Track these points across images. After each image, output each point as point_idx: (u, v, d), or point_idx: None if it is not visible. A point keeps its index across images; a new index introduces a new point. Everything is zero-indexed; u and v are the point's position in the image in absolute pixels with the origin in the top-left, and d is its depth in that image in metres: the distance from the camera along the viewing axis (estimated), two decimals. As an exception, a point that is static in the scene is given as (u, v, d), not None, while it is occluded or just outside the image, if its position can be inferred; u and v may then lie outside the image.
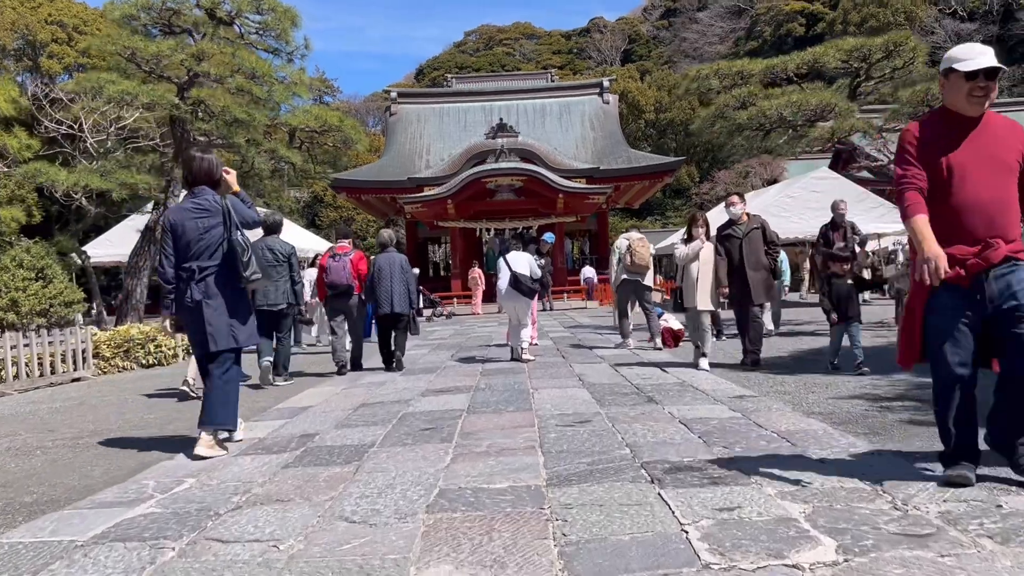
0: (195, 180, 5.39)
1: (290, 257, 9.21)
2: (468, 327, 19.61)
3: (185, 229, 5.22)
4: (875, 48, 14.28)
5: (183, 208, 5.34)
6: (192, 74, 13.76)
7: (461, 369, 9.67)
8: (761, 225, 8.86)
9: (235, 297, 5.31)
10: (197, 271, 5.20)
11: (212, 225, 5.22)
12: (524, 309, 10.40)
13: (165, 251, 5.34)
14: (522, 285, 10.15)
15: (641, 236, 12.58)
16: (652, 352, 10.94)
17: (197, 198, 5.31)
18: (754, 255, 8.60)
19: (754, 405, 6.11)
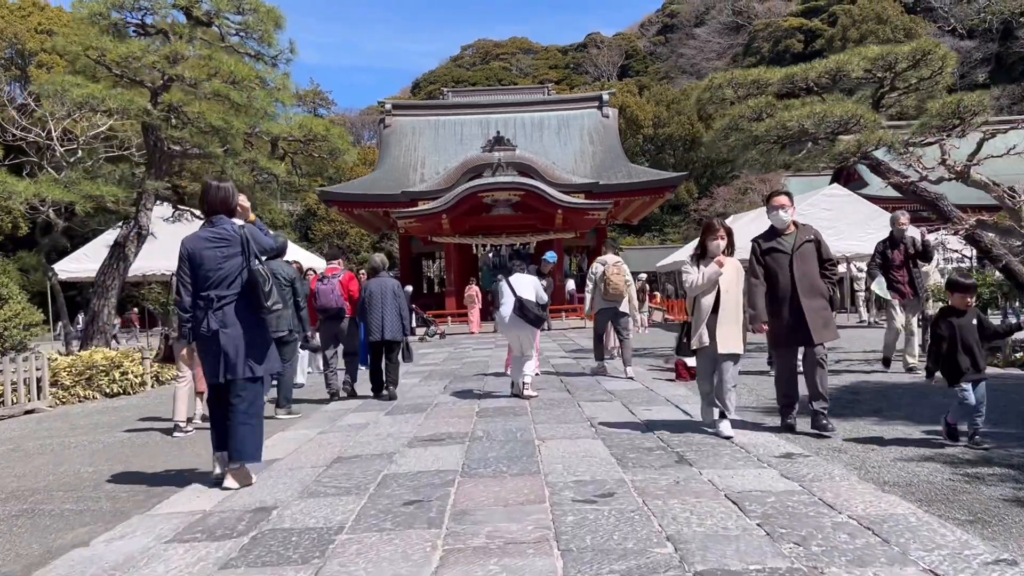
0: (211, 209, 5.38)
1: (294, 282, 8.73)
2: (463, 350, 18.50)
3: (203, 258, 5.19)
4: (902, 56, 13.28)
5: (200, 237, 5.29)
6: (166, 78, 12.71)
7: (455, 407, 8.57)
8: (815, 237, 6.49)
9: (253, 326, 5.29)
10: (215, 300, 5.19)
11: (231, 254, 5.22)
12: (528, 339, 9.26)
13: (183, 280, 5.27)
14: (528, 312, 8.97)
15: (617, 260, 11.91)
16: (665, 385, 9.86)
17: (215, 227, 5.29)
18: (808, 278, 6.32)
19: (810, 470, 5.03)
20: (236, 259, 5.24)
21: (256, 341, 5.30)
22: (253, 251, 5.26)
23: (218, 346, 5.17)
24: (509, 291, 9.22)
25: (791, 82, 13.80)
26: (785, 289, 6.34)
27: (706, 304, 6.38)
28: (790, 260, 6.35)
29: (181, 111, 11.97)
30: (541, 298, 9.47)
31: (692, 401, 8.35)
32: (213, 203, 5.39)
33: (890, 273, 10.50)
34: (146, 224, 13.29)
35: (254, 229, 5.46)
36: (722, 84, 14.28)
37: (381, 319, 9.52)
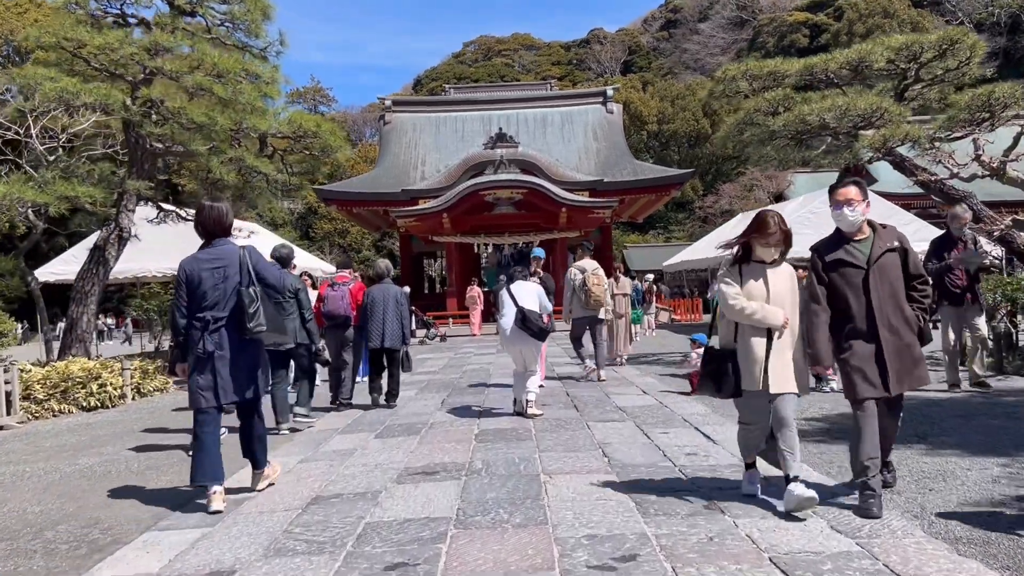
0: (206, 230, 5.37)
1: (297, 292, 8.39)
2: (464, 355, 17.76)
3: (201, 279, 5.19)
4: (928, 46, 12.51)
5: (198, 258, 5.29)
6: (147, 72, 11.97)
7: (452, 428, 7.83)
8: (900, 244, 4.70)
9: (249, 348, 5.30)
10: (211, 321, 5.19)
11: (229, 275, 5.22)
12: (532, 353, 8.52)
13: (179, 302, 5.28)
14: (531, 325, 8.24)
15: (596, 267, 11.72)
16: (680, 401, 9.11)
17: (214, 248, 5.30)
18: (892, 301, 4.58)
19: (865, 521, 4.28)
20: (233, 280, 5.23)
21: (253, 362, 5.33)
22: (250, 273, 5.25)
23: (213, 369, 5.17)
24: (510, 301, 8.51)
25: (809, 74, 13.03)
26: (859, 318, 4.59)
27: (756, 346, 4.62)
28: (865, 277, 4.58)
29: (161, 106, 11.23)
30: (545, 307, 8.83)
31: (712, 421, 7.62)
32: (207, 223, 5.37)
33: (946, 276, 9.19)
34: (127, 226, 12.56)
35: (258, 254, 5.43)
36: (736, 76, 13.52)
37: (382, 326, 9.34)
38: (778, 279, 4.74)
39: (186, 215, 13.87)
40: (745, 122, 13.32)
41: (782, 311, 4.62)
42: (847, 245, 4.74)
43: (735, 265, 4.84)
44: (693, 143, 64.79)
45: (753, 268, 4.77)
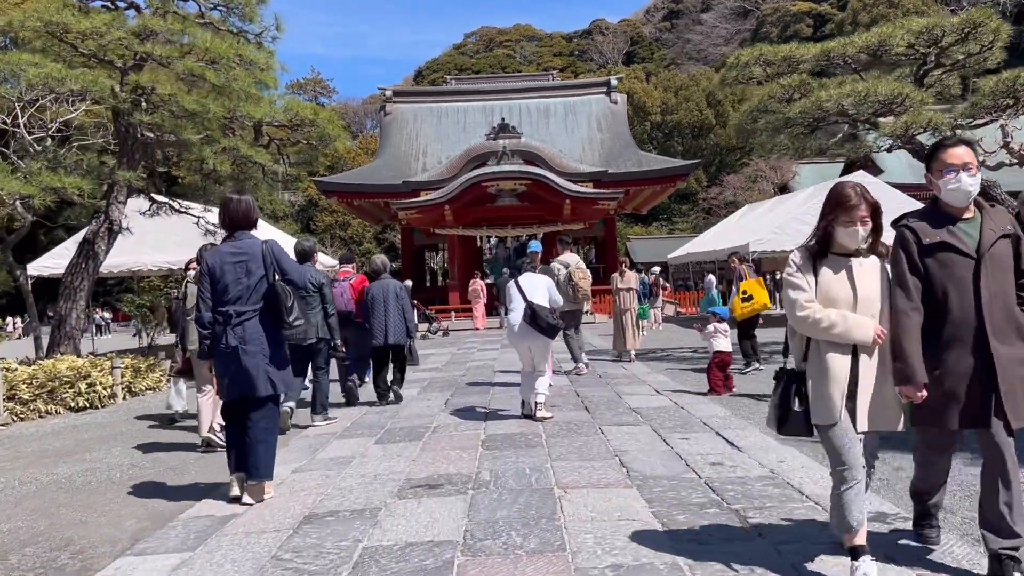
0: (233, 223, 5.31)
1: (322, 287, 8.31)
2: (467, 350, 17.31)
3: (224, 272, 5.16)
4: (950, 29, 12.00)
5: (222, 252, 5.26)
6: (138, 57, 11.49)
7: (456, 433, 7.36)
8: (1014, 230, 3.55)
9: (272, 342, 5.24)
10: (234, 316, 5.14)
11: (252, 270, 5.17)
12: (542, 351, 8.01)
13: (203, 295, 5.25)
14: (540, 320, 7.68)
15: (578, 260, 11.85)
16: (696, 402, 8.65)
17: (237, 241, 5.26)
18: (1003, 301, 3.44)
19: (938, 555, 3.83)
20: (257, 275, 5.18)
21: (275, 358, 5.23)
22: (275, 268, 5.22)
23: (237, 363, 5.11)
24: (518, 294, 7.98)
25: (826, 59, 12.53)
26: (963, 321, 3.42)
27: (835, 366, 3.43)
28: (976, 269, 3.42)
29: (151, 93, 10.75)
30: (555, 301, 8.31)
31: (733, 425, 7.16)
32: (235, 217, 5.30)
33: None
34: (117, 218, 12.09)
35: (280, 248, 5.35)
36: (750, 62, 13.00)
37: (384, 323, 9.16)
38: (866, 277, 3.51)
39: (180, 207, 13.40)
40: (759, 109, 12.83)
41: (872, 321, 3.45)
42: (952, 226, 3.50)
43: (809, 260, 3.58)
44: (697, 134, 64.19)
45: (832, 262, 3.53)
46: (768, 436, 6.65)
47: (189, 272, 8.24)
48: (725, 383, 9.43)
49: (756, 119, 12.89)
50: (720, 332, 9.71)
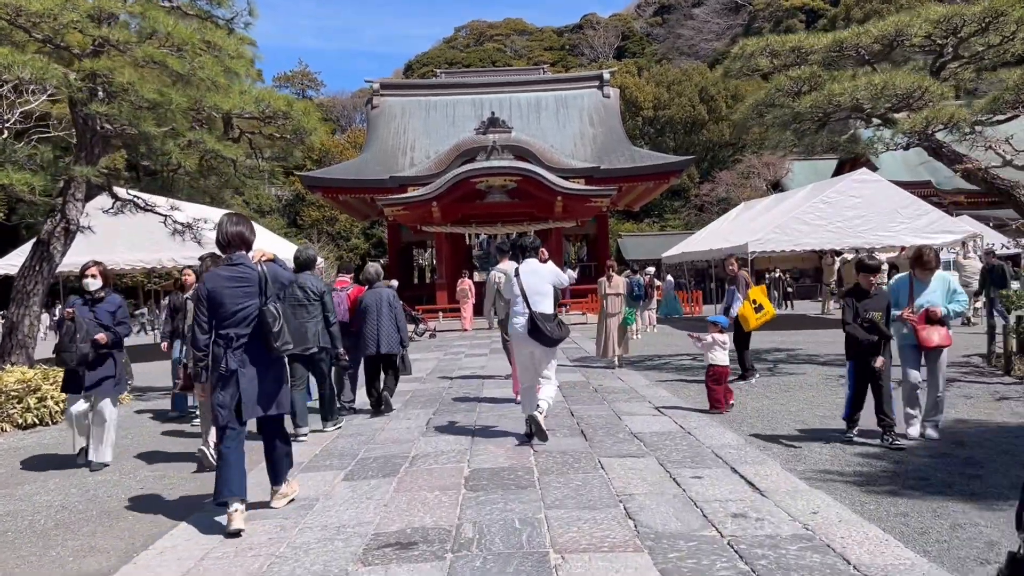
0: (229, 244, 5.29)
1: (323, 295, 8.19)
2: (454, 356, 16.46)
3: (223, 297, 5.16)
4: (969, 18, 11.21)
5: (220, 275, 5.25)
6: (96, 43, 10.58)
7: (436, 466, 6.51)
8: None
9: (271, 365, 5.28)
10: (235, 339, 5.15)
11: (250, 293, 5.18)
12: (545, 358, 7.35)
13: (199, 319, 5.23)
14: (543, 335, 7.08)
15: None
16: (703, 423, 7.83)
17: (235, 265, 5.26)
18: None
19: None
20: (256, 298, 5.18)
21: (275, 379, 5.29)
22: (270, 292, 5.20)
23: (236, 386, 5.12)
24: (520, 295, 7.34)
25: (838, 49, 11.71)
26: None
27: None
28: None
29: (107, 81, 9.83)
30: (560, 281, 7.78)
31: (749, 458, 6.35)
32: (231, 239, 5.27)
33: None
34: (75, 217, 11.19)
35: (274, 268, 5.32)
36: (755, 52, 12.17)
37: (377, 332, 9.09)
38: None
39: (144, 204, 12.49)
40: (765, 103, 12.01)
41: None
42: None
43: None
44: (689, 129, 63.41)
45: None
46: (790, 473, 5.85)
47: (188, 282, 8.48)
48: (726, 398, 8.78)
49: (762, 114, 12.07)
50: (719, 344, 9.00)
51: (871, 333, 6.71)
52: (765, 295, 11.19)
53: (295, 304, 7.85)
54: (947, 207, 32.97)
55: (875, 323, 6.68)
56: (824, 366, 12.48)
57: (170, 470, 6.99)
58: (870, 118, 11.25)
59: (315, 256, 8.74)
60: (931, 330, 6.92)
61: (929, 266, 7.02)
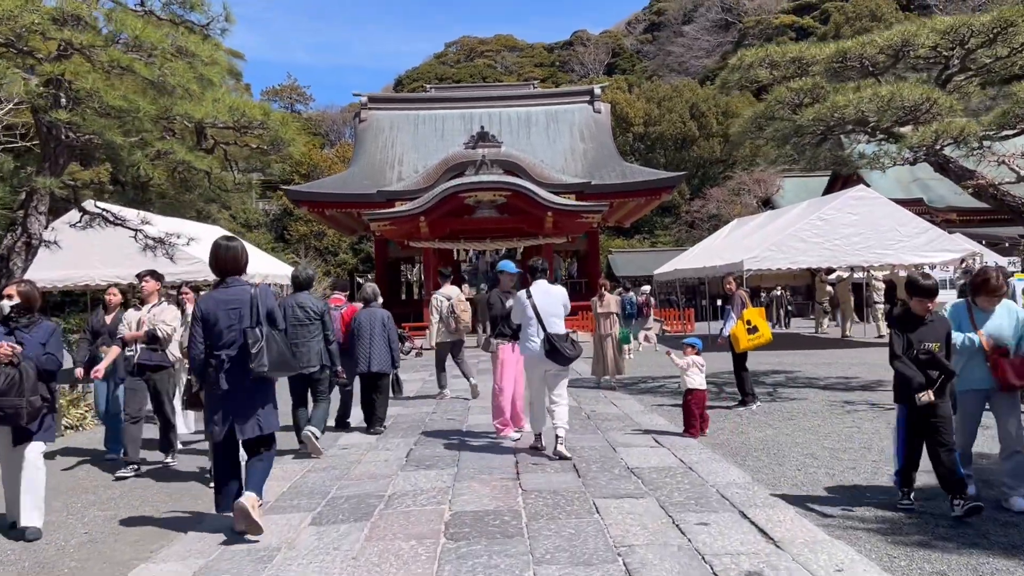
0: (222, 269, 5.50)
1: (323, 315, 8.35)
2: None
3: (217, 319, 5.35)
4: (977, 29, 10.77)
5: (215, 298, 5.45)
6: (62, 47, 9.98)
7: (414, 508, 5.89)
8: None
9: (262, 386, 5.42)
10: (226, 360, 5.32)
11: (243, 315, 5.34)
12: (557, 378, 7.49)
13: (195, 337, 5.42)
14: (560, 356, 7.26)
15: (459, 293, 12.79)
16: (706, 458, 7.26)
17: (229, 288, 5.46)
18: None
19: None
20: (246, 320, 5.34)
21: (265, 400, 5.46)
22: (260, 314, 5.35)
23: (227, 405, 5.33)
24: (534, 316, 7.46)
25: (841, 60, 11.24)
26: None
27: None
28: None
29: (68, 86, 9.23)
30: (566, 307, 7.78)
31: (759, 500, 5.78)
32: (223, 263, 5.49)
33: None
34: (37, 231, 10.53)
35: (267, 292, 5.54)
36: (754, 63, 11.70)
37: (369, 351, 9.28)
38: None
39: (115, 218, 11.86)
40: (765, 116, 11.52)
41: None
42: None
43: None
44: (680, 146, 63.19)
45: None
46: (806, 519, 5.28)
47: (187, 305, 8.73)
48: (701, 424, 8.48)
49: (761, 127, 11.58)
50: (696, 366, 8.61)
51: (928, 369, 5.34)
52: (763, 317, 10.67)
53: (295, 324, 7.98)
54: (939, 225, 32.65)
55: (934, 356, 5.33)
56: (826, 390, 11.95)
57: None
58: (875, 131, 10.78)
59: (314, 276, 9.05)
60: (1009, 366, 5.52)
61: (998, 292, 5.65)
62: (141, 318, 7.77)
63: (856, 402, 10.68)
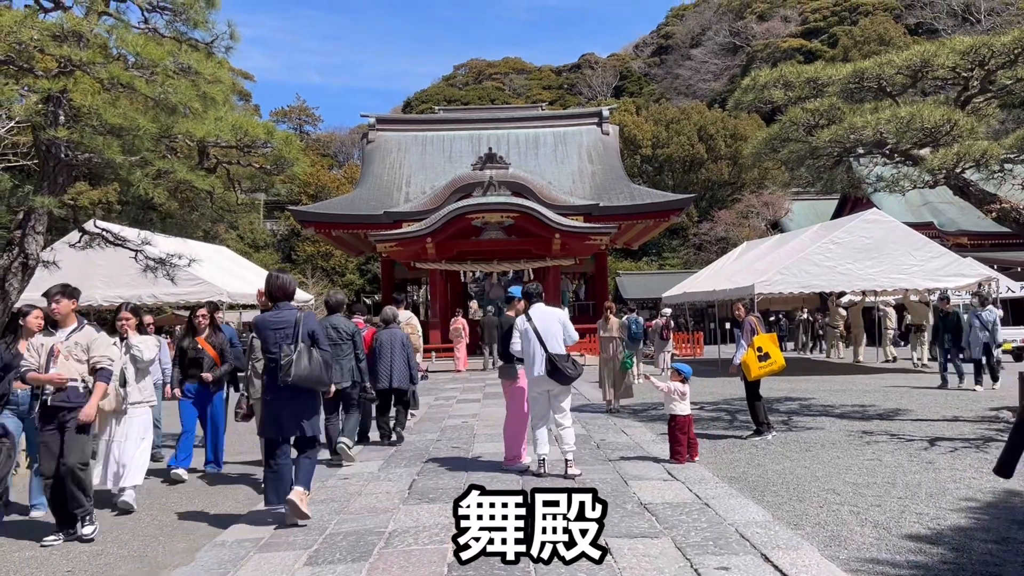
0: (273, 296, 6.57)
1: (354, 335, 9.20)
2: (446, 401, 15.51)
3: (266, 337, 6.41)
4: (998, 50, 10.50)
5: (267, 320, 6.48)
6: (62, 64, 9.79)
7: (417, 547, 5.57)
8: None
9: (303, 395, 6.33)
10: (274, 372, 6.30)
11: (288, 335, 6.30)
12: (561, 397, 7.81)
13: (253, 349, 7.29)
14: (561, 375, 7.59)
15: (409, 315, 13.25)
16: (722, 493, 6.92)
17: (280, 312, 6.49)
18: None
19: None
20: (290, 339, 6.27)
21: (309, 407, 6.39)
22: (300, 333, 6.29)
23: (277, 411, 6.31)
24: (534, 336, 7.72)
25: (857, 81, 10.97)
26: None
27: None
28: None
29: (68, 104, 9.03)
30: (570, 336, 7.92)
31: (781, 540, 5.45)
32: (275, 292, 6.54)
33: None
34: (34, 251, 10.28)
35: (310, 316, 6.55)
36: (768, 84, 11.44)
37: (390, 368, 10.05)
38: None
39: (115, 238, 11.63)
40: (780, 137, 11.25)
41: None
42: None
43: None
44: (688, 168, 63.05)
45: None
46: (832, 562, 4.95)
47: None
48: (689, 450, 8.39)
49: (776, 148, 11.31)
50: (677, 394, 8.57)
51: None
52: (775, 343, 10.35)
53: (329, 343, 8.12)
54: (950, 249, 32.33)
55: None
56: (843, 419, 11.59)
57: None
58: (892, 154, 10.49)
59: (344, 300, 9.81)
60: None
61: None
62: (54, 346, 6.28)
63: (875, 432, 10.31)
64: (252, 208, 19.53)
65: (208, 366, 9.06)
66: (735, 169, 61.71)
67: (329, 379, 6.65)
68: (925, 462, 8.24)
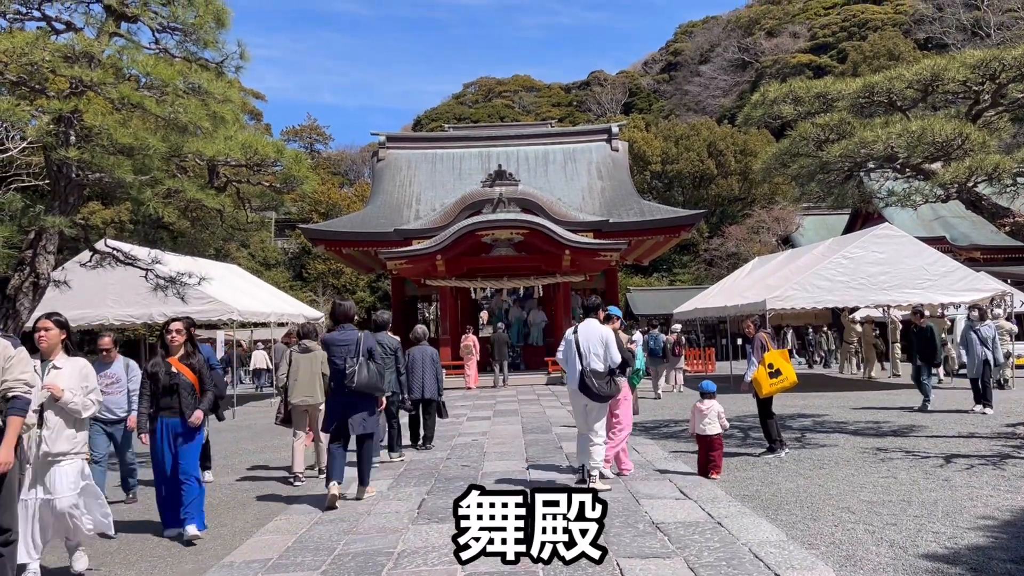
0: (337, 319, 8.18)
1: (396, 351, 10.20)
2: (455, 419, 15.42)
3: (333, 353, 7.84)
4: (1009, 63, 10.44)
5: (335, 338, 7.90)
6: (74, 85, 9.87)
7: (425, 570, 5.49)
8: None
9: (363, 400, 7.83)
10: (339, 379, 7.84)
11: (350, 351, 7.74)
12: (597, 412, 8.02)
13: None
14: (591, 391, 7.83)
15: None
16: (735, 511, 6.82)
17: (344, 332, 7.94)
18: None
19: None
20: (354, 355, 7.73)
21: (365, 410, 7.85)
22: (361, 350, 7.77)
23: (340, 411, 7.82)
24: (575, 352, 7.99)
25: (867, 96, 10.93)
26: None
27: None
28: None
29: (79, 124, 9.09)
30: (613, 359, 7.98)
31: (796, 560, 5.35)
32: (338, 315, 8.19)
33: None
34: (45, 271, 10.34)
35: (368, 336, 8.11)
36: (777, 99, 11.41)
37: (422, 380, 11.38)
38: None
39: (126, 256, 11.67)
40: (790, 152, 11.21)
41: None
42: None
43: None
44: (698, 183, 63.00)
45: None
46: (850, 585, 4.84)
47: (292, 346, 10.04)
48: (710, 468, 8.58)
49: (786, 163, 11.26)
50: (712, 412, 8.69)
51: None
52: (786, 359, 10.25)
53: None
54: (963, 263, 32.13)
55: None
56: (856, 436, 11.46)
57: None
58: (903, 168, 10.43)
59: (389, 320, 10.81)
60: None
61: None
62: None
63: (889, 449, 10.19)
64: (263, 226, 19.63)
65: (187, 393, 6.90)
66: (745, 184, 61.60)
67: (383, 387, 8.12)
68: (941, 479, 8.12)
